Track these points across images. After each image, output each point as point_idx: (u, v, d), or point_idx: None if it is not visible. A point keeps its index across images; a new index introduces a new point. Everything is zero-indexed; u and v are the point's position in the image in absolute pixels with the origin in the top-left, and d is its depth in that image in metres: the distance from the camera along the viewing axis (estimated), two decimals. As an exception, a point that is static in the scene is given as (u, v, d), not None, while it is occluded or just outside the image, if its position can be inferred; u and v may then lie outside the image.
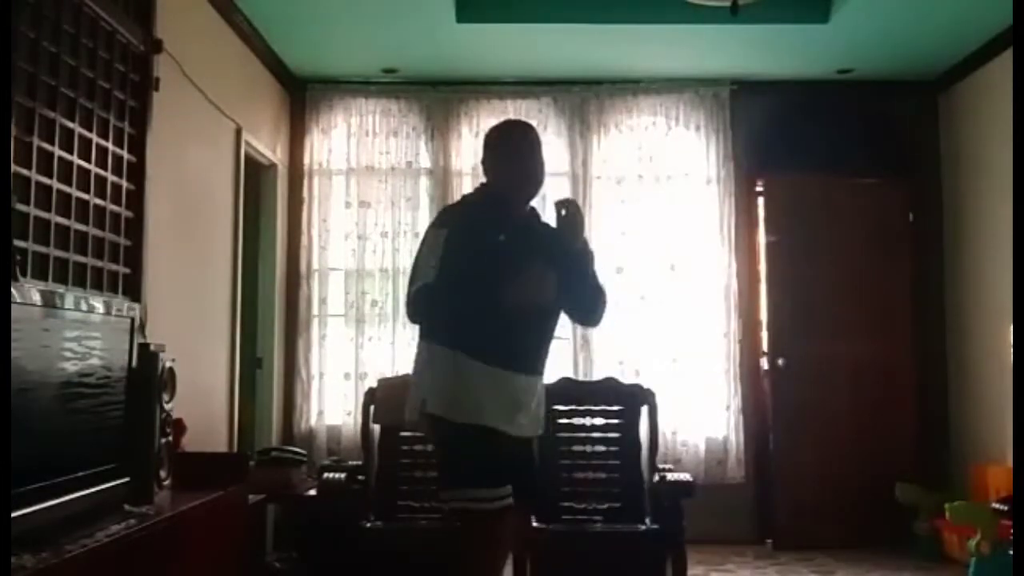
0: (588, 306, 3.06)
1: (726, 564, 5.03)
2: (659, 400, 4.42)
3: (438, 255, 2.72)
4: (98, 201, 3.16)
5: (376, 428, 4.46)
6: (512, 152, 2.88)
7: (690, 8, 3.98)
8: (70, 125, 2.96)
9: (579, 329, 5.55)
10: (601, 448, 4.39)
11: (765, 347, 5.74)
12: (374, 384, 4.66)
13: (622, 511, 4.21)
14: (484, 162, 2.95)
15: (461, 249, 2.70)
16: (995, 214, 5.09)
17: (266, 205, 5.50)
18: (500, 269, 2.69)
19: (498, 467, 2.70)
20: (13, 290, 2.17)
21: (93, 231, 3.12)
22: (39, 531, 2.18)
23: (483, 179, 3.00)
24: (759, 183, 5.82)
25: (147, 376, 2.89)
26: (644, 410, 4.39)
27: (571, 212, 2.85)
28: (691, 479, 4.10)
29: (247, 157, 4.98)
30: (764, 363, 5.74)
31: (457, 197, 5.71)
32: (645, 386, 4.51)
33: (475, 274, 2.69)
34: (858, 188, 5.75)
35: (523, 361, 2.81)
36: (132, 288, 3.39)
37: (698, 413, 5.60)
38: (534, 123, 5.65)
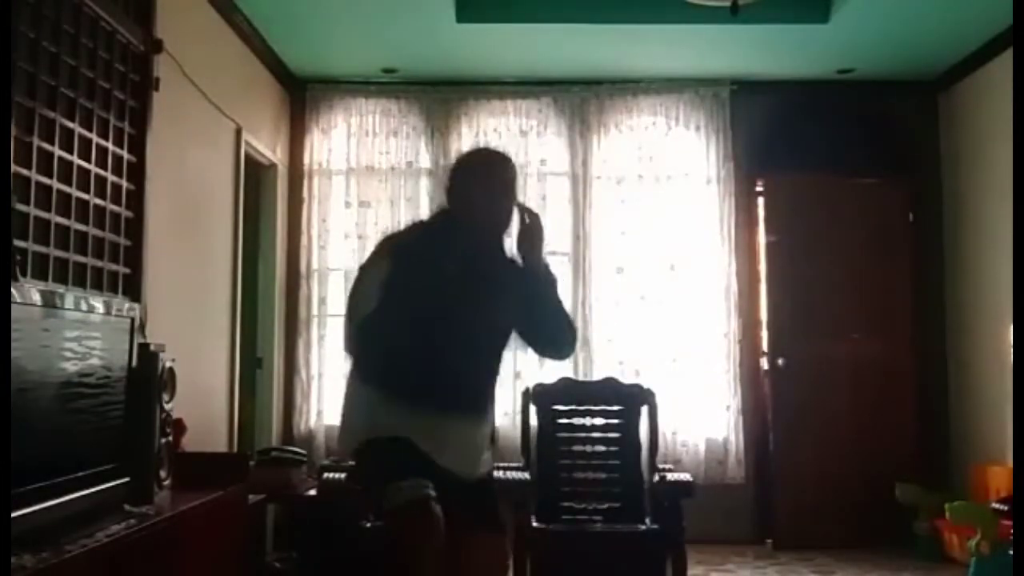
0: (552, 337, 2.76)
1: (726, 564, 5.03)
2: (659, 400, 4.41)
3: (381, 284, 2.50)
4: (98, 201, 3.16)
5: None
6: (475, 188, 2.61)
7: (690, 8, 3.98)
8: (70, 125, 2.96)
9: (579, 329, 5.55)
10: (601, 448, 4.39)
11: (765, 347, 5.74)
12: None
13: (622, 511, 4.21)
14: (450, 185, 2.67)
15: (407, 278, 2.48)
16: (995, 214, 5.09)
17: (266, 205, 5.50)
18: (447, 304, 2.49)
19: (417, 464, 2.44)
20: (13, 290, 2.17)
21: (93, 231, 3.12)
22: (39, 531, 2.18)
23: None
24: (759, 183, 5.81)
25: (147, 376, 2.89)
26: (644, 410, 4.39)
27: (533, 222, 2.62)
28: (691, 479, 4.10)
29: (247, 157, 4.98)
30: (764, 363, 5.74)
31: (457, 197, 5.74)
32: (645, 386, 4.51)
33: (419, 308, 2.48)
34: (858, 188, 5.75)
35: (460, 402, 2.57)
36: (132, 288, 3.39)
37: (698, 413, 5.60)
38: (534, 123, 5.77)
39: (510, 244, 2.69)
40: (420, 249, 2.58)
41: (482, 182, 2.63)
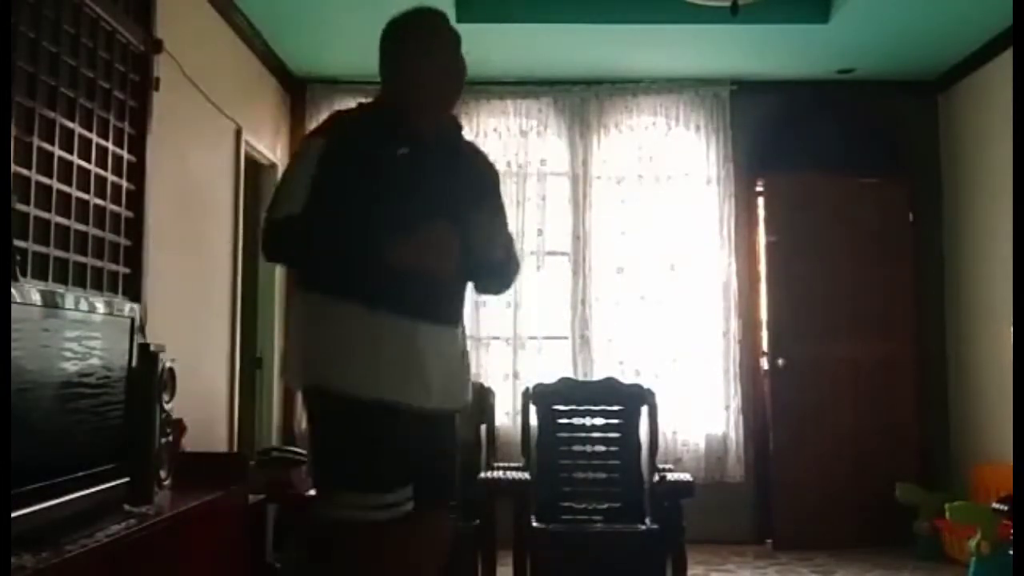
0: (489, 279, 2.39)
1: (726, 564, 5.03)
2: (659, 400, 4.42)
3: (310, 174, 2.13)
4: (98, 201, 3.16)
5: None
6: (420, 48, 2.27)
7: (690, 8, 3.98)
8: (70, 125, 2.96)
9: (579, 328, 5.56)
10: (601, 448, 4.39)
11: (765, 347, 5.74)
12: (374, 384, 4.65)
13: (622, 511, 4.21)
14: (382, 65, 2.34)
15: (343, 167, 2.11)
16: (995, 214, 5.09)
17: (266, 205, 5.48)
18: (394, 199, 2.12)
19: (392, 459, 2.06)
20: (13, 290, 2.17)
21: (93, 231, 3.12)
22: (39, 531, 2.18)
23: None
24: (759, 183, 5.82)
25: (147, 376, 2.89)
26: (644, 410, 4.39)
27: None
28: (691, 479, 4.10)
29: (247, 157, 4.98)
30: (764, 363, 5.74)
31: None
32: (645, 386, 4.51)
33: (358, 205, 2.08)
34: (858, 188, 5.75)
35: (425, 305, 2.14)
36: (132, 288, 3.39)
37: (698, 413, 5.60)
38: (534, 123, 5.77)
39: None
40: (362, 129, 2.23)
41: (425, 47, 2.28)
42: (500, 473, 4.24)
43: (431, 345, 2.15)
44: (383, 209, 2.12)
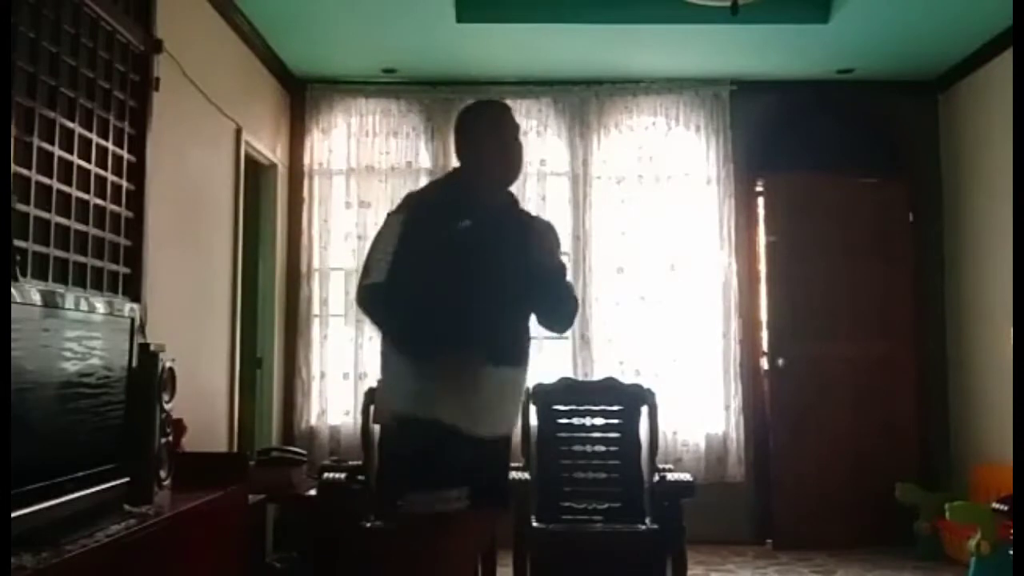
0: (551, 315, 2.78)
1: (726, 564, 5.03)
2: (659, 400, 4.42)
3: (392, 249, 2.52)
4: (98, 201, 3.16)
5: (376, 428, 4.45)
6: (485, 134, 2.67)
7: (690, 8, 3.98)
8: (70, 125, 2.96)
9: (579, 328, 5.56)
10: (601, 448, 4.39)
11: (765, 347, 5.74)
12: (374, 384, 4.66)
13: (622, 511, 4.21)
14: (456, 146, 2.74)
15: (418, 240, 2.50)
16: (995, 214, 5.09)
17: (266, 205, 5.50)
18: (460, 261, 2.50)
19: (449, 467, 2.47)
20: (13, 290, 2.17)
21: (93, 231, 3.12)
22: (39, 531, 2.18)
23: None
24: (759, 183, 5.82)
25: (147, 376, 2.89)
26: (644, 410, 4.39)
27: (544, 231, 2.66)
28: (691, 479, 4.10)
29: (247, 157, 4.98)
30: (764, 363, 5.74)
31: (457, 197, 5.74)
32: (645, 386, 4.51)
33: (431, 270, 2.48)
34: (858, 188, 5.76)
35: (496, 351, 2.54)
36: (132, 288, 3.39)
37: (698, 413, 5.60)
38: (534, 123, 5.76)
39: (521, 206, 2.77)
40: (434, 206, 2.61)
41: (490, 124, 2.68)
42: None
43: (492, 385, 2.54)
44: (449, 274, 2.51)
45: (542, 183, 5.75)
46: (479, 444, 2.53)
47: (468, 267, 2.52)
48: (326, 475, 4.18)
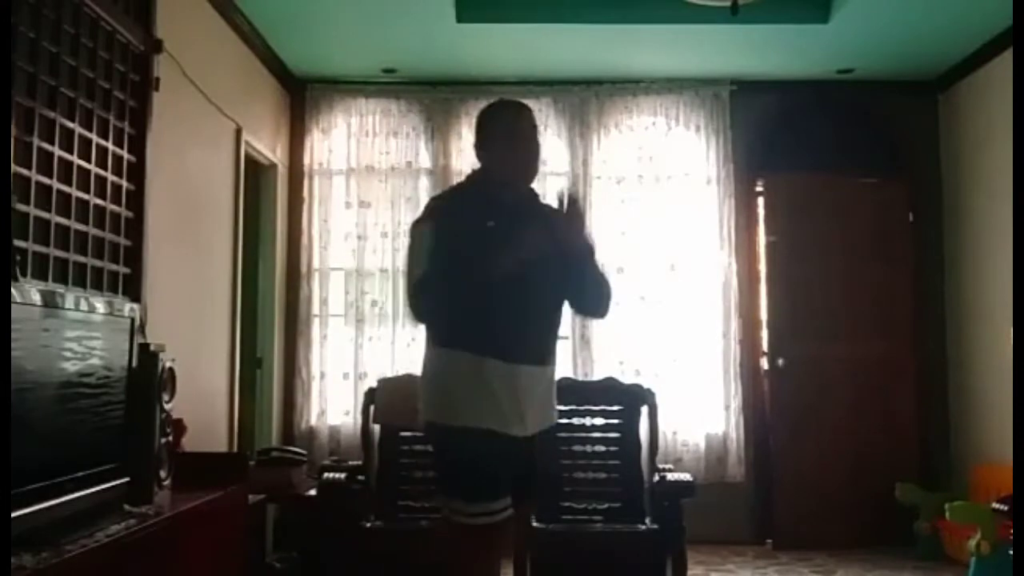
0: (588, 298, 2.87)
1: (726, 564, 5.03)
2: (659, 400, 4.42)
3: (429, 247, 2.58)
4: (98, 201, 3.16)
5: (376, 428, 4.46)
6: (504, 133, 2.70)
7: (690, 8, 3.98)
8: (70, 125, 2.96)
9: (579, 328, 5.56)
10: (601, 448, 4.39)
11: (765, 347, 5.74)
12: (374, 384, 4.67)
13: (622, 511, 4.21)
14: (476, 146, 2.77)
15: (450, 239, 2.55)
16: (995, 214, 5.09)
17: (266, 205, 5.50)
18: (489, 256, 2.53)
19: (493, 477, 2.53)
20: (13, 290, 2.17)
21: (93, 231, 3.12)
22: (39, 531, 2.18)
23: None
24: (759, 183, 5.81)
25: (147, 376, 2.89)
26: (644, 410, 4.39)
27: (571, 210, 2.65)
28: (691, 479, 4.10)
29: (247, 157, 4.98)
30: (764, 363, 5.74)
31: (457, 197, 5.74)
32: (645, 386, 4.51)
33: (464, 262, 2.52)
34: (858, 188, 5.75)
35: (526, 350, 2.63)
36: (132, 288, 3.39)
37: (698, 413, 5.60)
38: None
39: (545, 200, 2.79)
40: (460, 207, 2.67)
41: (508, 124, 2.71)
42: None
43: (526, 385, 2.61)
44: (478, 273, 2.53)
45: (542, 183, 5.69)
46: (518, 444, 2.59)
47: (495, 262, 2.54)
48: (326, 475, 4.18)
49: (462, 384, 2.57)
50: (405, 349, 5.63)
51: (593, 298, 2.87)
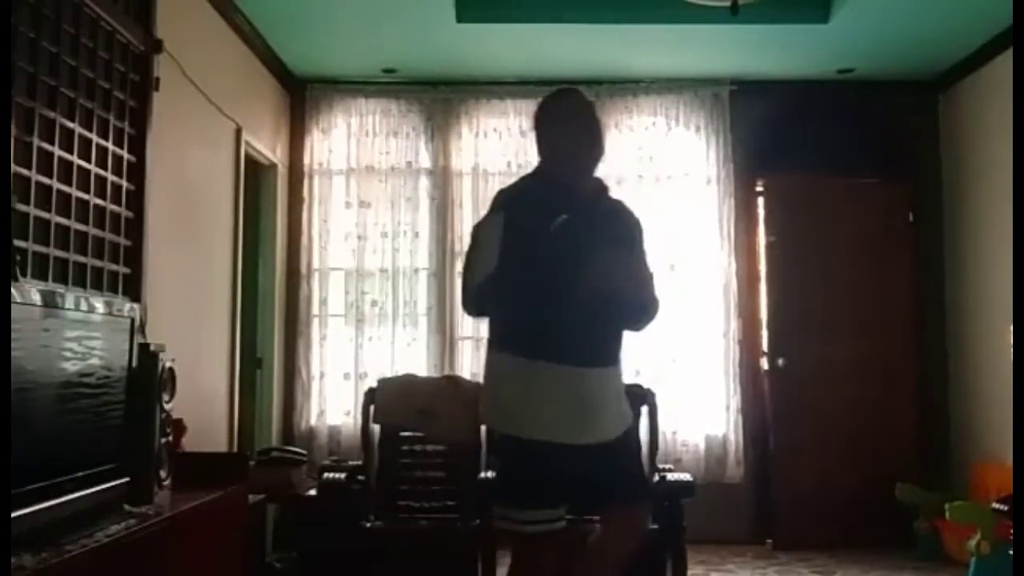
0: (628, 318, 2.79)
1: (726, 564, 5.03)
2: (659, 400, 4.41)
3: (497, 243, 2.53)
4: (98, 201, 3.16)
5: (376, 428, 4.46)
6: (556, 123, 2.66)
7: (690, 8, 3.98)
8: (70, 125, 2.96)
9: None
10: (601, 448, 4.38)
11: (765, 347, 5.74)
12: (374, 384, 4.66)
13: (622, 511, 4.20)
14: (536, 141, 2.73)
15: (520, 234, 2.50)
16: (995, 214, 5.09)
17: (266, 205, 5.50)
18: (561, 255, 2.48)
19: (542, 485, 2.49)
20: (13, 290, 2.17)
21: (93, 231, 3.12)
22: (39, 531, 2.18)
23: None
24: (759, 183, 5.82)
25: (147, 376, 2.89)
26: (644, 410, 4.38)
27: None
28: (691, 479, 4.09)
29: (247, 157, 4.98)
30: (764, 363, 5.74)
31: (458, 197, 5.75)
32: (645, 386, 4.50)
33: (534, 262, 2.48)
34: (858, 188, 5.75)
35: (590, 354, 2.56)
36: (132, 288, 3.39)
37: (698, 413, 5.60)
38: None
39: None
40: (529, 203, 2.61)
41: (559, 115, 2.66)
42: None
43: (589, 390, 2.54)
44: (552, 263, 2.49)
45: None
46: (570, 453, 2.51)
47: (562, 264, 2.50)
48: (326, 475, 4.18)
49: (514, 389, 2.54)
50: (405, 349, 5.64)
51: (632, 320, 2.81)
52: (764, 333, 5.77)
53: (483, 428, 4.55)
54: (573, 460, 2.49)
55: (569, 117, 2.66)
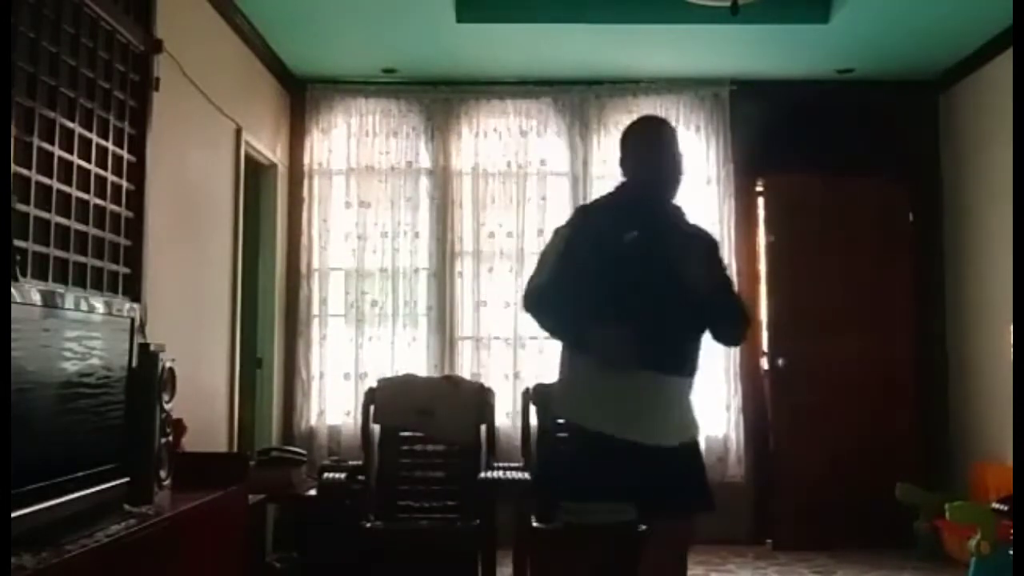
0: (718, 328, 2.98)
1: (726, 564, 5.03)
2: (659, 400, 4.40)
3: (559, 254, 2.73)
4: (98, 201, 3.16)
5: (376, 428, 4.46)
6: (641, 146, 2.85)
7: (690, 8, 3.98)
8: (70, 125, 2.96)
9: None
10: (601, 448, 4.38)
11: (765, 347, 5.74)
12: (374, 384, 4.67)
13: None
14: (620, 161, 2.92)
15: (584, 247, 2.69)
16: (995, 213, 5.09)
17: (266, 205, 5.50)
18: (626, 271, 2.66)
19: (612, 480, 2.59)
20: (13, 290, 2.17)
21: (93, 231, 3.12)
22: (39, 531, 2.18)
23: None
24: (759, 183, 5.81)
25: (147, 376, 2.89)
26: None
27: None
28: (691, 479, 4.09)
29: (247, 157, 4.98)
30: (764, 363, 5.74)
31: (458, 197, 5.76)
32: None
33: (594, 273, 2.65)
34: (858, 188, 5.75)
35: (655, 358, 2.67)
36: (132, 288, 3.39)
37: (698, 413, 5.57)
38: (534, 123, 5.77)
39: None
40: (601, 218, 2.81)
41: (645, 140, 2.87)
42: (500, 473, 4.24)
43: (653, 392, 2.69)
44: (616, 282, 2.66)
45: (542, 183, 5.75)
46: (648, 454, 2.62)
47: (633, 276, 2.66)
48: (326, 475, 4.18)
49: (584, 384, 2.70)
50: (405, 349, 5.64)
51: (723, 331, 3.01)
52: (764, 333, 5.77)
53: (482, 428, 4.59)
54: (634, 457, 2.60)
55: (653, 149, 2.83)
